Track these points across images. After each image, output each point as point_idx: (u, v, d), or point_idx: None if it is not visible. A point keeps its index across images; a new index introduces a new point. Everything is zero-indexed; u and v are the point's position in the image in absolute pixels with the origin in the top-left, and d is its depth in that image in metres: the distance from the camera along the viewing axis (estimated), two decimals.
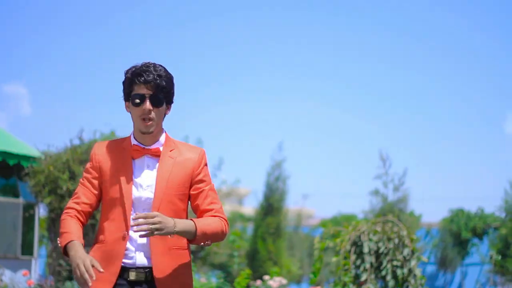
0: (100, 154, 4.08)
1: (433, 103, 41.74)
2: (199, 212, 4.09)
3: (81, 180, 4.09)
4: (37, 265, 15.73)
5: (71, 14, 38.01)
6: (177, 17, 40.77)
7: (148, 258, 3.97)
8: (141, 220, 3.76)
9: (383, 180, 18.21)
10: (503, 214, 16.72)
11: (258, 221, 21.00)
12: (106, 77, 41.45)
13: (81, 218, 4.05)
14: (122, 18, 40.09)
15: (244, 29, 41.43)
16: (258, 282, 13.52)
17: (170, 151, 4.07)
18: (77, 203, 4.04)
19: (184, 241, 4.04)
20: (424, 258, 8.01)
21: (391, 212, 17.36)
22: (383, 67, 41.00)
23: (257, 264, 20.44)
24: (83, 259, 3.72)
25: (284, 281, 13.30)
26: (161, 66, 4.01)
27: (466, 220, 26.19)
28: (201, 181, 4.11)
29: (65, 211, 4.02)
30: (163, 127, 4.12)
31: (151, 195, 3.98)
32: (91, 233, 12.96)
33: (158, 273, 3.94)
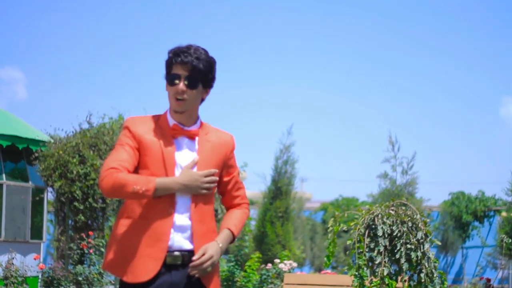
0: (138, 127, 4.03)
1: (435, 89, 41.84)
2: (226, 197, 4.23)
3: (120, 144, 4.01)
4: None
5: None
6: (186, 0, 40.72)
7: (186, 240, 3.98)
8: (198, 267, 3.89)
9: (392, 163, 18.23)
10: (510, 198, 16.77)
11: (266, 204, 21.03)
12: (104, 62, 41.42)
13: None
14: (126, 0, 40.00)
15: (255, 15, 41.45)
16: (269, 265, 13.57)
17: (206, 134, 4.10)
18: (122, 166, 3.91)
19: (214, 225, 4.10)
20: (438, 242, 8.08)
21: (399, 196, 17.39)
22: (389, 54, 41.07)
23: (265, 248, 20.49)
24: (199, 173, 3.92)
25: (295, 264, 13.37)
26: (203, 49, 4.02)
27: (467, 203, 26.27)
28: (231, 166, 4.20)
29: (110, 170, 3.87)
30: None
31: None
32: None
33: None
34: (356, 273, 7.96)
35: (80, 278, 12.05)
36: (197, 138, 4.07)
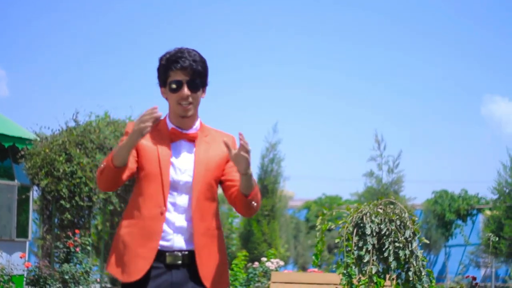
0: None
1: (418, 87, 41.99)
2: (232, 187, 4.11)
3: (118, 144, 4.04)
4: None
5: None
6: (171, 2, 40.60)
7: (186, 241, 4.00)
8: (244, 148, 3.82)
9: (378, 162, 18.31)
10: (496, 196, 16.87)
11: None
12: (90, 60, 41.25)
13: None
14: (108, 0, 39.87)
15: (237, 14, 41.38)
16: (256, 263, 13.58)
17: (205, 136, 4.12)
18: None
19: (218, 222, 4.11)
20: (426, 240, 8.10)
21: (385, 194, 17.46)
22: (374, 52, 41.16)
23: (251, 246, 20.54)
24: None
25: (282, 263, 13.39)
26: (194, 51, 4.06)
27: (450, 201, 26.37)
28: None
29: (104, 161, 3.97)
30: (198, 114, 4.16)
31: (190, 179, 4.02)
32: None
33: (199, 253, 3.99)
34: (345, 271, 7.99)
35: (66, 277, 12.02)
36: (196, 140, 4.09)
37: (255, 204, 4.03)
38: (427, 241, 8.04)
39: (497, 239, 8.51)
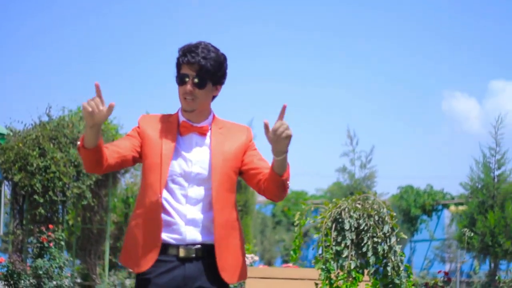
0: (145, 121, 4.13)
1: (381, 81, 42.24)
2: (258, 174, 4.10)
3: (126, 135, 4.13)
4: None
5: None
6: None
7: (200, 233, 4.02)
8: (281, 129, 3.73)
9: (351, 157, 18.49)
10: (467, 191, 17.11)
11: None
12: (63, 52, 40.86)
13: (108, 150, 3.95)
14: None
15: (217, 9, 41.26)
16: None
17: (219, 128, 4.15)
18: (110, 145, 4.01)
19: (236, 214, 4.12)
20: (404, 236, 8.22)
21: (357, 189, 17.58)
22: (344, 46, 41.28)
23: None
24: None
25: (256, 258, 13.40)
26: (212, 47, 4.06)
27: (415, 196, 26.60)
28: (253, 150, 4.21)
29: None
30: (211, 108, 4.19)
31: (202, 171, 4.04)
32: None
33: (218, 244, 4.00)
34: (323, 266, 8.05)
35: (40, 272, 11.96)
36: (209, 133, 4.12)
37: (289, 183, 3.96)
38: (405, 236, 8.15)
39: (472, 234, 8.61)
